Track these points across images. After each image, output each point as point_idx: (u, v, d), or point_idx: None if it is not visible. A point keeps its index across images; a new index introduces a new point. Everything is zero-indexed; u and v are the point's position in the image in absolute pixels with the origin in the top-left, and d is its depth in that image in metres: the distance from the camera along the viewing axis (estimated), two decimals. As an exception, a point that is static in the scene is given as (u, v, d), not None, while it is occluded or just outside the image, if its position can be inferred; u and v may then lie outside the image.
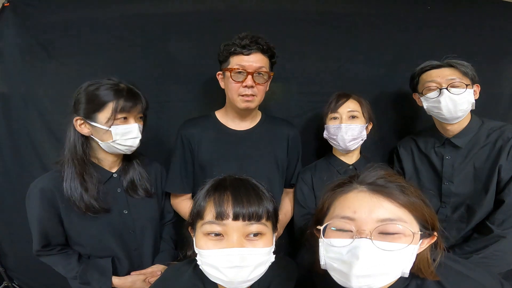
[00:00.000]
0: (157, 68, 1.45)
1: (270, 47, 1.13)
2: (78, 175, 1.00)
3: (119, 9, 1.42)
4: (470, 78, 1.14)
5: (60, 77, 1.41)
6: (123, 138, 1.00)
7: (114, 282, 1.06)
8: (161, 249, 1.21)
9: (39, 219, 1.00)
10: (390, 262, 0.59)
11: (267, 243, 0.68)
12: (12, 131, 1.46)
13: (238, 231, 0.65)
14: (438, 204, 1.25)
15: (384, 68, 1.52)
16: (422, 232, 0.62)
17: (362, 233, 0.59)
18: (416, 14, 1.52)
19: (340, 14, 1.49)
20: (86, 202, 0.99)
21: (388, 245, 0.58)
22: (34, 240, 1.03)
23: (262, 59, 1.11)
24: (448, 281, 0.65)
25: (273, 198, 0.74)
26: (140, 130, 1.05)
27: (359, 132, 1.21)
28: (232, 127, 1.23)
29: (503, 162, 1.13)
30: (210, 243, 0.66)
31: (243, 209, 0.65)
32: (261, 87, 1.13)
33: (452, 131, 1.21)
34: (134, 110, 1.01)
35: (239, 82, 1.10)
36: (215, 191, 0.70)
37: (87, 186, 1.00)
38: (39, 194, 1.00)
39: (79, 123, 1.00)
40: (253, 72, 1.09)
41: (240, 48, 1.09)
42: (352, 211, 0.62)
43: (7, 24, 1.40)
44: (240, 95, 1.12)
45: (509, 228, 1.13)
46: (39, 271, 1.50)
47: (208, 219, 0.67)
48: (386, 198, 0.61)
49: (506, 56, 1.53)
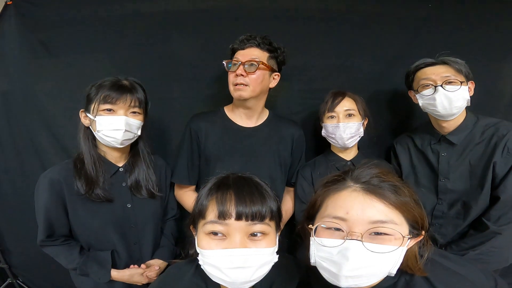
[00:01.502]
0: (159, 65, 1.47)
1: (269, 43, 1.18)
2: (88, 160, 1.06)
3: (121, 7, 1.44)
4: (464, 75, 1.15)
5: (61, 75, 1.43)
6: (107, 129, 1.02)
7: (113, 275, 1.08)
8: (161, 244, 1.23)
9: (45, 209, 1.04)
10: (379, 264, 0.60)
11: (270, 243, 0.67)
12: (13, 129, 1.48)
13: (241, 231, 0.64)
14: (435, 201, 1.26)
15: (384, 66, 1.52)
16: (411, 235, 0.62)
17: (353, 234, 0.59)
18: (417, 12, 1.52)
19: (341, 12, 1.51)
20: (92, 189, 1.04)
21: (378, 247, 0.59)
22: (40, 230, 1.06)
23: (257, 52, 1.16)
24: (436, 277, 0.65)
25: (276, 197, 0.73)
26: (132, 124, 1.06)
27: (357, 130, 1.24)
28: (239, 123, 1.26)
29: (497, 158, 1.14)
30: (212, 243, 0.65)
31: (246, 209, 0.64)
32: (253, 76, 1.15)
33: (447, 128, 1.22)
34: (120, 102, 1.03)
35: (233, 72, 1.16)
36: (217, 190, 0.68)
37: (93, 172, 1.05)
38: (47, 184, 1.03)
39: (83, 115, 1.07)
40: (245, 62, 1.14)
41: (237, 45, 1.19)
42: (345, 212, 0.62)
43: (9, 22, 1.42)
44: (233, 85, 1.17)
45: (505, 225, 1.14)
46: (43, 268, 1.54)
47: (210, 219, 0.65)
48: (378, 198, 0.62)
49: (506, 54, 1.53)
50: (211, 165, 1.23)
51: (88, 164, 1.06)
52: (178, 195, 1.30)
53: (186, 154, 1.25)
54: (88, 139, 1.08)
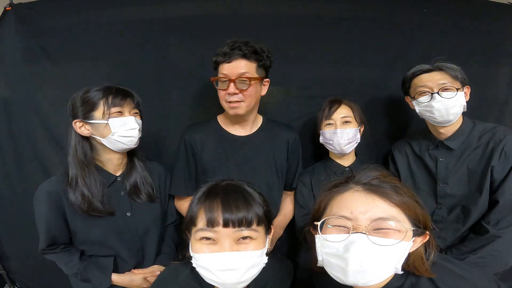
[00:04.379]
0: (158, 72, 1.48)
1: (255, 51, 1.10)
2: (81, 178, 1.02)
3: (120, 14, 1.46)
4: (460, 81, 1.17)
5: (61, 81, 1.44)
6: (123, 130, 1.03)
7: (113, 279, 1.08)
8: (162, 250, 1.22)
9: (46, 220, 1.03)
10: (384, 257, 0.61)
11: (258, 246, 0.71)
12: (13, 135, 1.47)
13: (229, 237, 0.68)
14: (434, 206, 1.27)
15: (381, 71, 1.54)
16: (415, 229, 0.64)
17: (358, 228, 0.62)
18: (413, 17, 1.54)
19: (338, 18, 1.53)
20: (91, 205, 1.02)
21: (383, 240, 0.61)
22: (41, 240, 1.05)
23: (244, 65, 1.10)
24: (442, 279, 0.66)
25: (264, 201, 0.76)
26: (139, 124, 1.08)
27: (354, 136, 1.26)
28: (233, 132, 1.25)
29: (495, 163, 1.15)
30: (204, 247, 0.69)
31: (232, 216, 0.68)
32: (247, 93, 1.12)
33: (444, 134, 1.23)
34: (126, 104, 1.04)
35: (224, 90, 1.12)
36: (206, 198, 0.72)
37: (91, 189, 1.03)
38: (46, 197, 1.03)
39: (78, 126, 1.03)
40: (235, 79, 1.09)
41: (221, 57, 1.10)
42: (349, 211, 0.64)
43: (9, 28, 1.42)
44: (227, 102, 1.14)
45: (505, 228, 1.15)
46: (41, 273, 1.53)
47: (200, 226, 0.70)
48: (380, 197, 0.64)
49: (501, 58, 1.55)
50: (208, 174, 1.22)
51: (82, 184, 1.02)
52: (178, 205, 1.30)
53: (182, 166, 1.25)
54: (84, 151, 1.04)
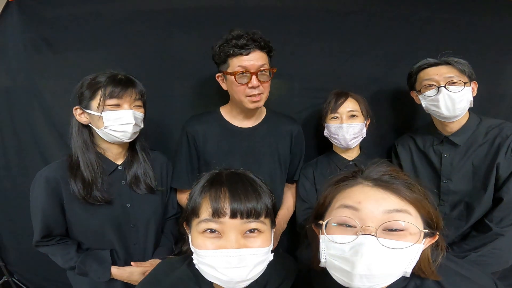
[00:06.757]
0: (160, 63, 1.46)
1: (267, 42, 1.10)
2: (83, 163, 1.02)
3: (123, 5, 1.44)
4: (467, 76, 1.14)
5: (63, 71, 1.43)
6: (116, 124, 1.00)
7: (113, 272, 1.06)
8: (161, 243, 1.21)
9: (42, 208, 1.01)
10: (395, 261, 0.56)
11: (265, 241, 0.66)
12: (15, 126, 1.47)
13: (236, 229, 0.62)
14: (437, 202, 1.25)
15: (387, 65, 1.52)
16: (427, 231, 0.59)
17: (367, 229, 0.56)
18: (421, 12, 1.52)
19: (343, 11, 1.50)
20: (90, 191, 1.01)
21: (394, 243, 0.55)
22: (35, 230, 1.03)
23: (261, 56, 1.09)
24: (448, 281, 0.63)
25: (271, 193, 0.71)
26: (137, 117, 1.05)
27: (360, 130, 1.24)
28: (236, 124, 1.23)
29: (501, 159, 1.13)
30: (207, 242, 0.63)
31: (241, 206, 0.62)
32: (266, 85, 1.12)
33: (450, 129, 1.21)
34: (126, 95, 1.01)
35: (244, 84, 1.08)
36: (211, 187, 0.66)
37: (91, 174, 1.02)
38: (44, 183, 1.01)
39: (78, 113, 1.02)
40: (256, 72, 1.07)
41: (238, 49, 1.06)
42: (357, 202, 0.59)
43: (12, 19, 1.41)
44: (247, 96, 1.11)
45: (508, 226, 1.14)
46: (39, 265, 1.53)
47: (204, 217, 0.64)
48: (392, 193, 0.59)
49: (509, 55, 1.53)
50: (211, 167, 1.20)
51: (84, 167, 1.01)
52: (180, 198, 1.28)
53: (184, 158, 1.23)
54: (83, 138, 1.04)
